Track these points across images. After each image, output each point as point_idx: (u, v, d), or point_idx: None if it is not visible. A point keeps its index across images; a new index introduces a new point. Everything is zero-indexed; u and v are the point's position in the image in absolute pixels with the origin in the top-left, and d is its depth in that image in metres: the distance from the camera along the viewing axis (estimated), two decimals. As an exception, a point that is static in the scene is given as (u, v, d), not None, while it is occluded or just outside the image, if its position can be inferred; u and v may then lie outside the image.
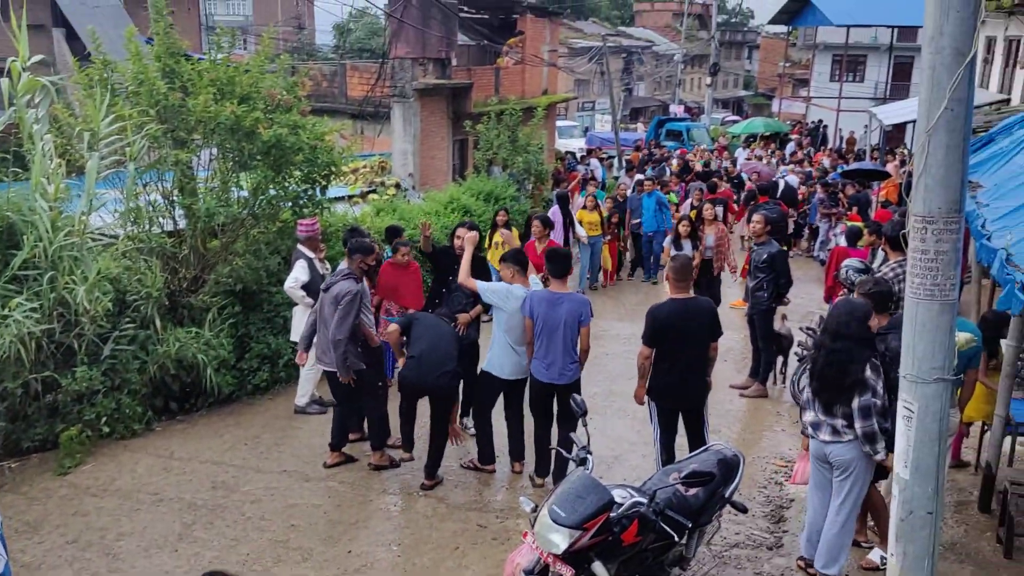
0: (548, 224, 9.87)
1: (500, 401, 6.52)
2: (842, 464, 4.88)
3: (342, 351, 6.19)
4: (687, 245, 10.70)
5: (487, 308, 6.96)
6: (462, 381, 7.08)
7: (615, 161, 23.06)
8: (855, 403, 4.71)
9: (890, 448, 4.20)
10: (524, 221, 11.80)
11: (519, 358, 6.27)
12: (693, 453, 5.34)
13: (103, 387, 6.85)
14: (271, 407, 7.93)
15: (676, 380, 5.78)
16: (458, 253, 7.08)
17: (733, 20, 69.74)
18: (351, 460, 6.68)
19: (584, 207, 12.86)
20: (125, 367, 6.99)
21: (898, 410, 3.54)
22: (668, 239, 11.12)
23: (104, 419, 6.83)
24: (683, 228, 10.92)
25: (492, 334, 6.41)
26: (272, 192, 8.16)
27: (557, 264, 6.18)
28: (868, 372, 4.69)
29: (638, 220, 13.43)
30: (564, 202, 12.40)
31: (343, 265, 6.54)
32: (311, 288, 7.35)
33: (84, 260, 6.78)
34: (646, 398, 5.94)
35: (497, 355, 6.31)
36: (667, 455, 5.87)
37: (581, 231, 12.15)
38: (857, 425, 4.72)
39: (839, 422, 4.82)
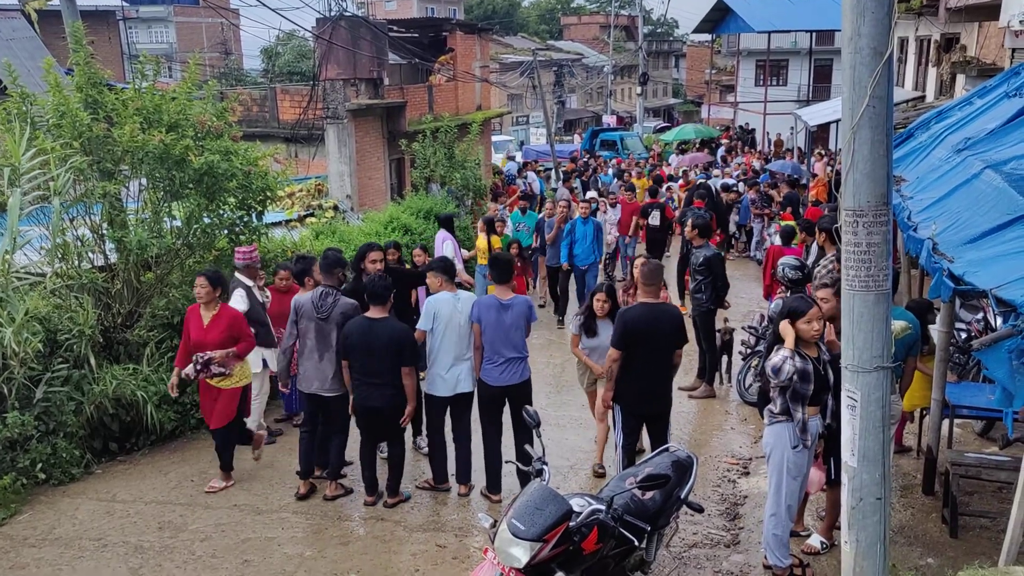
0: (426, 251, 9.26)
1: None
2: (764, 448, 5.14)
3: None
4: (604, 328, 6.70)
5: None
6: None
7: (552, 173, 23.27)
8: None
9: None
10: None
11: (457, 371, 6.23)
12: (647, 457, 5.38)
13: (37, 432, 6.57)
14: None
15: (645, 386, 5.82)
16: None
17: (659, 30, 71.19)
18: (314, 490, 6.53)
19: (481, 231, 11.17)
20: (60, 409, 6.72)
21: (842, 400, 3.63)
22: (575, 323, 7.02)
23: (40, 465, 6.55)
24: (599, 305, 6.81)
25: (428, 355, 6.33)
26: (206, 220, 7.98)
27: (500, 270, 6.26)
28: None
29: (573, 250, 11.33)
30: (450, 226, 10.63)
31: (322, 288, 6.36)
32: (251, 317, 7.18)
33: (10, 300, 6.52)
34: (612, 403, 5.98)
35: (429, 374, 6.30)
36: (629, 460, 5.91)
37: (461, 269, 9.50)
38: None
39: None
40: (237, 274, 7.38)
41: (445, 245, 10.15)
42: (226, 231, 8.24)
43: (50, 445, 6.66)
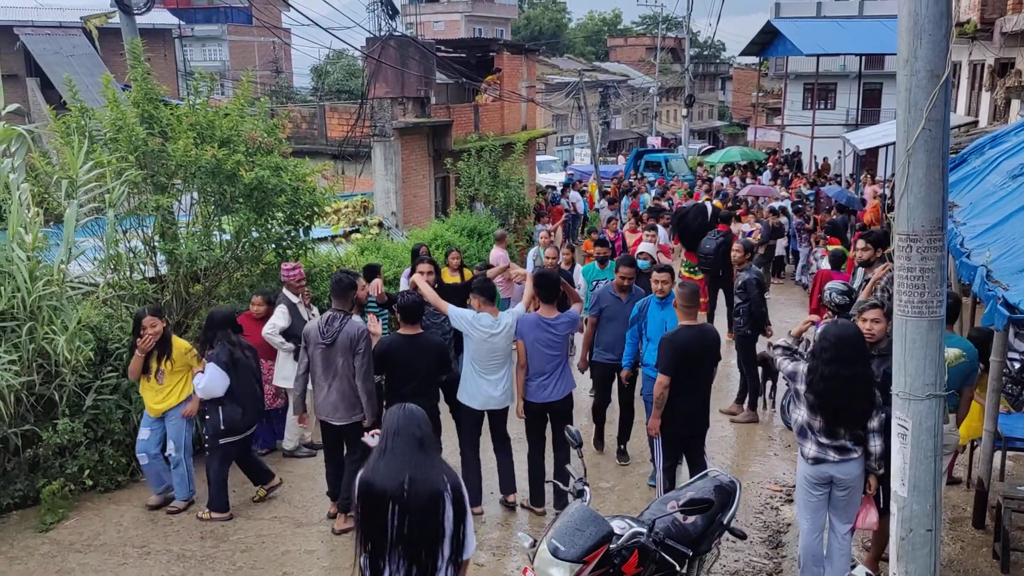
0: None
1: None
2: (849, 482, 4.84)
3: (375, 398, 5.99)
4: None
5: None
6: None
7: (597, 193, 23.23)
8: (873, 423, 4.69)
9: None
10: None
11: (489, 388, 6.16)
12: (689, 481, 5.30)
13: (86, 439, 6.70)
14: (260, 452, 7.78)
15: (688, 407, 5.79)
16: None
17: (705, 53, 71.06)
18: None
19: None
20: (108, 417, 6.85)
21: (893, 428, 3.54)
22: None
23: (87, 472, 6.68)
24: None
25: (463, 363, 6.36)
26: (255, 234, 8.11)
27: (546, 289, 6.19)
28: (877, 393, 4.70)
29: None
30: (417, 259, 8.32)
31: (330, 312, 6.01)
32: (291, 333, 7.18)
33: (64, 309, 6.67)
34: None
35: (466, 384, 6.25)
36: (670, 483, 5.83)
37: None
38: (877, 444, 4.70)
39: (845, 442, 4.77)
40: (284, 290, 7.46)
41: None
42: (273, 245, 8.37)
43: (98, 452, 6.78)
